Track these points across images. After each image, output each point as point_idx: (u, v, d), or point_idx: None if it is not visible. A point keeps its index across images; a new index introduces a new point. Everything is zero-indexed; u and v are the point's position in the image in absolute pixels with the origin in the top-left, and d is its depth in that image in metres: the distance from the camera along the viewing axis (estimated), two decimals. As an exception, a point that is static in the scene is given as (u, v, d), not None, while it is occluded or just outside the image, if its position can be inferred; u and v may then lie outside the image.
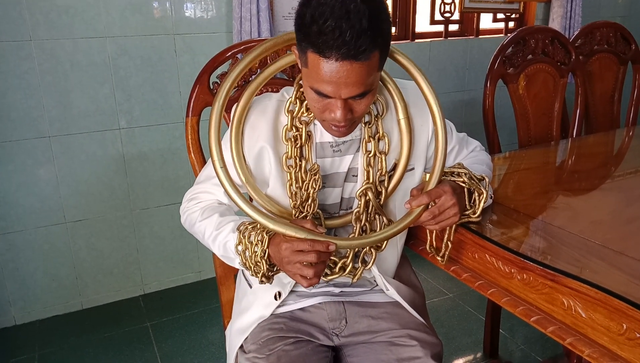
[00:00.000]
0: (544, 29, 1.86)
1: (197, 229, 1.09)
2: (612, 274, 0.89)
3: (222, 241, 1.03)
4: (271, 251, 0.96)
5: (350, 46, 0.82)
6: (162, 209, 2.38)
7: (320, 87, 0.88)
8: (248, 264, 0.99)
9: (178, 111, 2.30)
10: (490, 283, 1.03)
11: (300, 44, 0.89)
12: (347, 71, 0.85)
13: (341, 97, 0.89)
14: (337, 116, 0.91)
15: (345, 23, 0.81)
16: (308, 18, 0.84)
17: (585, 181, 1.44)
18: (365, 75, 0.87)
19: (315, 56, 0.85)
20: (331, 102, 0.91)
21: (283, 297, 1.09)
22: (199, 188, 1.13)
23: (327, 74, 0.86)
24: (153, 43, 2.20)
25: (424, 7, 2.81)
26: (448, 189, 0.98)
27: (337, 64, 0.84)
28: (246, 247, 0.98)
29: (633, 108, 2.19)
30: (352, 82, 0.86)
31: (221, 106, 1.02)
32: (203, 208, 1.10)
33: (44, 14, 2.00)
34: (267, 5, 2.20)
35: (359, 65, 0.85)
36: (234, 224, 1.03)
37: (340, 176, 1.06)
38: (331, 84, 0.87)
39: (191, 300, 2.38)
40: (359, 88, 0.88)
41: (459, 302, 2.31)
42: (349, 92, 0.88)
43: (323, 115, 0.94)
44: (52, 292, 2.26)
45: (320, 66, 0.86)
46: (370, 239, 1.00)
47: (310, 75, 0.89)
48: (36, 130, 2.08)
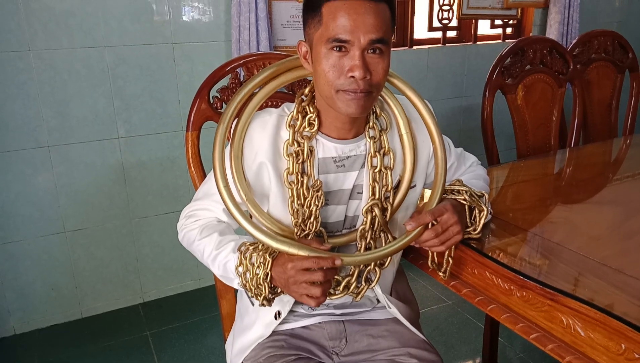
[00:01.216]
0: (542, 40, 1.87)
1: (196, 247, 1.08)
2: (611, 293, 0.90)
3: (222, 261, 1.02)
4: (274, 273, 0.95)
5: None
6: (161, 217, 2.39)
7: (339, 34, 0.89)
8: (249, 286, 0.98)
9: (177, 120, 2.30)
10: (490, 299, 1.04)
11: (313, 9, 0.93)
12: (364, 9, 0.89)
13: (360, 41, 0.89)
14: (357, 73, 0.90)
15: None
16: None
17: (584, 193, 1.45)
18: (380, 19, 0.90)
19: (331, 3, 0.90)
20: (348, 61, 0.91)
21: (283, 316, 1.09)
22: (198, 204, 1.12)
23: (345, 15, 0.89)
24: (152, 52, 2.20)
25: (422, 14, 2.82)
26: (449, 207, 0.99)
27: (355, 2, 0.89)
28: (247, 269, 0.97)
29: (630, 116, 2.20)
30: (368, 23, 0.89)
31: (225, 128, 1.02)
32: (202, 226, 1.09)
33: (43, 24, 2.00)
34: (266, 14, 2.21)
35: (374, 5, 0.89)
36: (235, 244, 1.02)
37: (344, 194, 1.05)
38: (349, 27, 0.89)
39: (191, 308, 2.38)
40: (375, 32, 0.89)
41: (458, 310, 2.31)
42: (367, 34, 0.89)
43: (340, 80, 0.92)
44: (51, 301, 2.26)
45: (337, 10, 0.89)
46: (374, 255, 0.99)
47: (327, 28, 0.91)
48: (35, 140, 2.09)
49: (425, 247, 1.01)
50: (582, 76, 2.01)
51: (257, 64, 1.34)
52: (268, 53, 1.37)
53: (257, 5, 2.18)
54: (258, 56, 1.35)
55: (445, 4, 2.80)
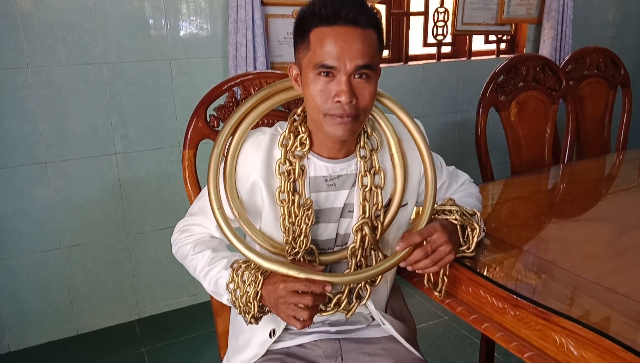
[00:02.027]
0: (535, 57, 1.89)
1: (189, 262, 1.10)
2: (603, 312, 0.91)
3: (214, 278, 1.04)
4: (264, 292, 0.96)
5: (352, 12, 0.90)
6: (157, 233, 2.39)
7: (325, 60, 0.91)
8: (238, 303, 0.99)
9: (174, 136, 2.32)
10: (484, 318, 1.05)
11: (302, 34, 0.94)
12: (351, 36, 0.90)
13: (346, 67, 0.91)
14: (343, 99, 0.92)
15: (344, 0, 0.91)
16: (309, 6, 0.93)
17: (577, 210, 1.46)
18: (367, 45, 0.92)
19: (318, 30, 0.92)
20: (335, 86, 0.92)
21: (278, 334, 1.10)
22: (192, 220, 1.14)
23: (332, 42, 0.90)
24: (149, 68, 2.22)
25: (417, 30, 2.85)
26: (439, 227, 1.00)
27: (341, 30, 0.90)
28: (238, 286, 0.98)
29: (623, 132, 2.23)
30: (355, 49, 0.91)
31: (219, 152, 1.04)
32: (195, 241, 1.11)
33: (41, 41, 2.02)
34: (263, 31, 2.23)
35: (361, 31, 0.91)
36: (227, 261, 1.04)
37: (335, 212, 1.07)
38: (335, 53, 0.91)
39: (187, 324, 2.38)
40: (362, 58, 0.91)
41: (454, 325, 2.31)
42: (353, 60, 0.91)
43: (327, 104, 0.94)
44: (47, 318, 2.26)
45: (324, 37, 0.91)
46: (363, 275, 1.00)
47: (315, 54, 0.93)
48: (33, 156, 2.09)
49: (418, 270, 1.02)
50: (575, 92, 2.04)
51: (254, 83, 1.36)
52: (264, 72, 1.38)
53: (254, 22, 2.20)
54: (254, 75, 1.36)
55: (440, 20, 2.83)
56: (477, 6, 2.85)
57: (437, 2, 2.82)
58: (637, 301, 0.94)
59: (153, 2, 2.16)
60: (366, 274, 1.01)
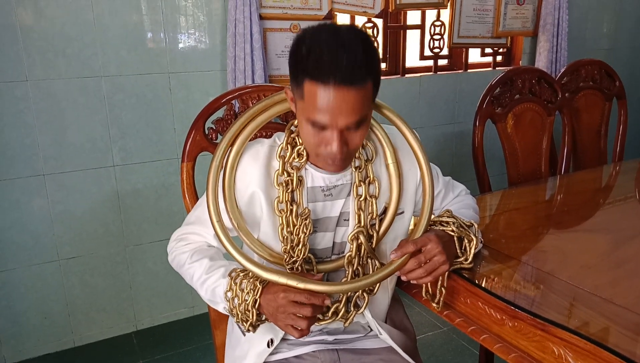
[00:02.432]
0: (531, 70, 1.91)
1: (186, 271, 1.11)
2: (601, 324, 0.91)
3: (212, 286, 1.05)
4: (263, 301, 0.97)
5: (346, 72, 0.86)
6: (155, 244, 2.39)
7: (317, 117, 0.91)
8: (235, 311, 1.00)
9: (172, 148, 2.32)
10: (482, 329, 1.05)
11: (296, 78, 0.92)
12: (343, 97, 0.88)
13: (337, 125, 0.91)
14: (333, 148, 0.93)
15: (341, 52, 0.87)
16: (304, 51, 0.89)
17: (574, 221, 1.47)
18: (360, 102, 0.90)
19: (312, 85, 0.89)
20: (327, 135, 0.93)
21: (275, 344, 1.10)
22: (189, 229, 1.15)
23: (325, 101, 0.89)
24: (148, 81, 2.23)
25: (413, 43, 2.88)
26: (433, 237, 1.00)
27: (334, 90, 0.87)
28: (236, 294, 0.99)
29: (619, 143, 2.24)
30: (348, 109, 0.90)
31: (218, 164, 1.05)
32: (193, 249, 1.12)
33: (41, 54, 2.03)
34: (261, 44, 2.25)
35: (354, 91, 0.88)
36: (225, 269, 1.05)
37: (331, 221, 1.08)
38: (328, 112, 0.90)
39: (185, 336, 2.37)
40: (355, 116, 0.91)
41: (453, 336, 2.31)
42: (345, 120, 0.91)
43: (318, 149, 0.96)
44: (44, 330, 2.24)
45: (317, 94, 0.89)
46: (361, 282, 1.01)
47: (307, 107, 0.92)
48: (31, 168, 2.10)
49: (413, 281, 1.02)
50: (571, 104, 2.05)
51: (252, 96, 1.36)
52: (263, 85, 1.40)
53: (252, 35, 2.22)
54: (253, 88, 1.37)
55: (436, 34, 2.86)
56: (473, 19, 2.88)
57: (434, 15, 2.84)
58: (635, 313, 0.95)
59: (152, 15, 2.18)
60: (364, 282, 1.01)
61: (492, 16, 2.92)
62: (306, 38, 0.90)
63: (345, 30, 0.91)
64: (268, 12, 2.32)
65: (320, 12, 2.42)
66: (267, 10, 2.32)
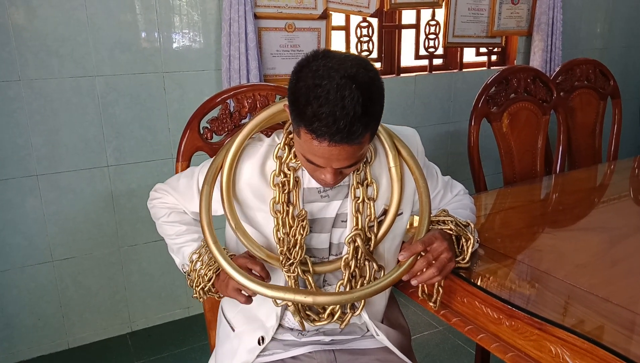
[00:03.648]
0: (526, 69, 1.91)
1: (160, 224, 1.20)
2: (598, 322, 0.91)
3: (180, 245, 1.16)
4: (217, 282, 1.08)
5: (343, 133, 0.84)
6: (150, 245, 2.37)
7: (311, 159, 0.92)
8: (194, 275, 1.10)
9: (167, 148, 2.31)
10: (479, 329, 1.04)
11: (294, 118, 0.90)
12: (338, 151, 0.88)
13: (333, 167, 0.92)
14: (327, 179, 0.95)
15: (340, 111, 0.83)
16: (303, 99, 0.85)
17: (570, 220, 1.47)
18: (356, 152, 0.91)
19: (307, 135, 0.87)
20: (322, 168, 0.94)
21: (267, 340, 1.10)
22: (174, 196, 1.17)
23: (319, 152, 0.89)
24: (142, 81, 2.21)
25: (409, 43, 2.88)
26: (438, 235, 1.01)
27: (330, 146, 0.87)
28: (201, 259, 1.11)
29: (614, 142, 2.25)
30: (342, 158, 0.90)
31: (209, 187, 1.06)
32: (170, 209, 1.19)
33: (34, 54, 2.01)
34: (256, 43, 2.24)
35: (350, 147, 0.88)
36: (198, 236, 1.15)
37: (327, 222, 1.07)
38: (323, 159, 0.90)
39: (180, 338, 2.36)
40: (350, 161, 0.92)
41: (449, 336, 2.31)
42: (340, 164, 0.92)
43: (313, 174, 0.98)
44: (38, 332, 2.23)
45: (312, 144, 0.88)
46: (369, 290, 0.99)
47: (302, 146, 0.92)
48: (24, 168, 2.08)
49: (423, 282, 1.01)
50: (566, 103, 2.06)
51: (247, 95, 1.36)
52: (258, 84, 1.39)
53: (247, 35, 2.21)
54: (248, 87, 1.37)
55: (431, 33, 2.86)
56: (467, 19, 2.88)
57: (429, 15, 2.84)
58: (631, 311, 0.95)
59: (146, 15, 2.17)
60: (373, 288, 0.99)
61: (487, 16, 2.93)
62: (307, 79, 0.85)
63: (348, 77, 0.84)
64: (263, 11, 2.31)
65: (315, 11, 2.41)
66: (262, 10, 2.31)
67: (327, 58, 0.87)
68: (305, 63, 0.88)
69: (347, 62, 0.86)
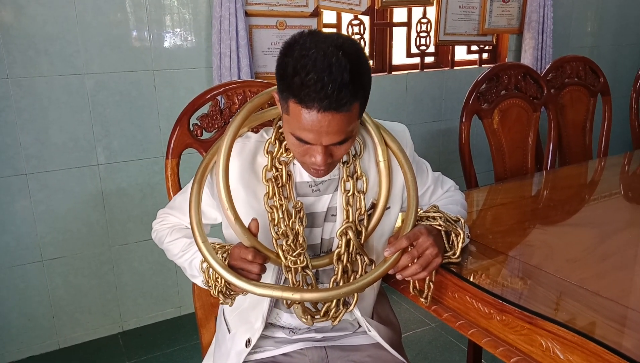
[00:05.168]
0: (516, 65, 1.92)
1: (166, 247, 1.18)
2: (588, 316, 0.91)
3: (189, 259, 1.11)
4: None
5: (332, 98, 0.84)
6: (141, 244, 2.36)
7: (301, 135, 0.90)
8: (211, 282, 1.03)
9: (157, 146, 2.30)
10: (470, 323, 1.04)
11: (282, 93, 0.90)
12: (328, 121, 0.87)
13: (322, 144, 0.91)
14: (318, 160, 0.93)
15: (327, 76, 0.83)
16: (290, 69, 0.86)
17: (560, 216, 1.48)
18: (345, 124, 0.89)
19: (296, 106, 0.87)
20: (312, 148, 0.93)
21: (253, 343, 1.09)
22: (171, 213, 1.19)
23: (309, 124, 0.87)
24: (132, 79, 2.20)
25: (400, 41, 2.88)
26: (423, 231, 1.00)
27: (319, 114, 0.86)
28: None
29: (604, 138, 2.26)
30: (333, 131, 0.88)
31: (199, 186, 1.05)
32: (171, 227, 1.18)
33: (22, 52, 1.99)
34: (247, 41, 2.23)
35: (340, 116, 0.87)
36: None
37: (319, 216, 1.07)
38: (312, 133, 0.89)
39: (171, 337, 2.34)
40: (340, 136, 0.90)
41: (441, 332, 2.31)
42: (330, 139, 0.90)
43: (303, 158, 0.96)
44: (27, 332, 2.21)
45: (301, 116, 0.87)
46: (355, 285, 0.98)
47: (291, 122, 0.91)
48: (12, 167, 2.06)
49: (407, 278, 1.01)
50: (556, 100, 2.07)
51: (237, 92, 1.35)
52: (248, 81, 1.38)
53: (237, 32, 2.21)
54: (238, 83, 1.36)
55: (423, 31, 2.86)
56: (459, 17, 2.89)
57: (420, 13, 2.85)
58: (621, 305, 0.95)
59: (136, 13, 2.15)
60: (359, 283, 0.98)
61: (478, 14, 2.93)
62: (294, 52, 0.86)
63: (335, 47, 0.85)
64: (254, 8, 2.31)
65: (306, 9, 2.41)
66: (252, 7, 2.30)
67: (314, 35, 0.89)
68: (292, 41, 0.89)
69: (333, 36, 0.89)
